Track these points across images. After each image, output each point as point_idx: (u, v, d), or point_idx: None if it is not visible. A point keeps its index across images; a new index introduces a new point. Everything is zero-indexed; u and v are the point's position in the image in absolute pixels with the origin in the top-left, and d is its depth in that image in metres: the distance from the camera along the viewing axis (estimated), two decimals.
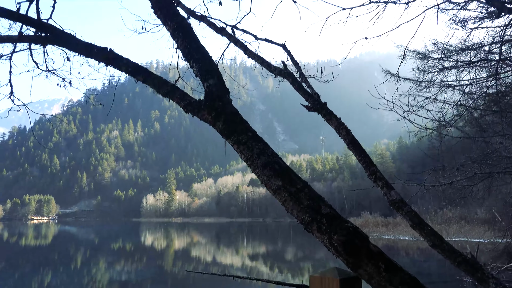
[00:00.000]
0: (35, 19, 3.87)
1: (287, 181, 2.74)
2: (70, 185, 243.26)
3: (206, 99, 3.17)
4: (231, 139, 3.07)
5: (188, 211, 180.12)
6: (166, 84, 3.32)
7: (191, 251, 39.57)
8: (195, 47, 3.38)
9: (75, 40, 3.61)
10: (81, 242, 57.56)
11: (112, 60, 3.46)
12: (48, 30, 3.68)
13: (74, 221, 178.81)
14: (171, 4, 3.51)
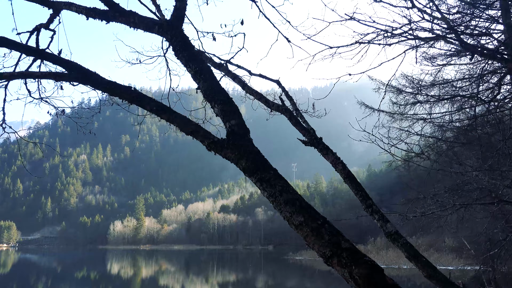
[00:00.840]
0: (55, 55, 3.99)
1: (308, 217, 2.91)
2: (33, 210, 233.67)
3: (228, 138, 3.36)
4: (254, 177, 3.20)
5: (157, 238, 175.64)
6: (190, 123, 3.51)
7: (159, 280, 38.53)
8: (217, 89, 3.60)
9: (98, 78, 3.73)
10: (43, 270, 55.00)
11: (136, 99, 3.61)
12: (70, 67, 3.80)
13: (36, 249, 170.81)
14: (192, 49, 3.72)
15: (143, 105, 3.65)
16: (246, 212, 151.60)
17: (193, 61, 3.68)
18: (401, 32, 6.69)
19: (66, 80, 4.05)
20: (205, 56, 5.15)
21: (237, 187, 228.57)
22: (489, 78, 9.30)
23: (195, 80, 3.74)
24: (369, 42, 6.58)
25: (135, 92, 3.64)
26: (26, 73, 4.22)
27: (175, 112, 3.61)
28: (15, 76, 4.26)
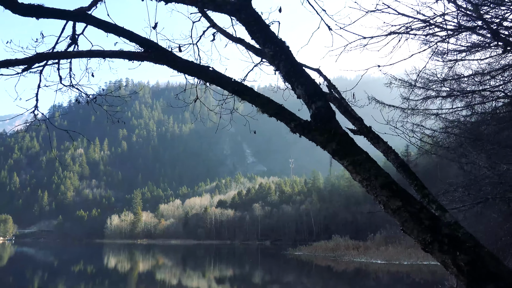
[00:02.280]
0: (130, 31, 3.89)
1: (406, 202, 2.80)
2: (30, 204, 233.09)
3: (316, 121, 3.22)
4: (346, 160, 3.08)
5: (154, 232, 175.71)
6: (274, 104, 3.39)
7: (156, 274, 38.44)
8: (298, 70, 3.44)
9: (175, 58, 3.62)
10: (39, 264, 54.85)
11: (215, 80, 3.48)
12: (148, 45, 3.76)
13: (32, 242, 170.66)
14: (269, 29, 3.55)
15: (223, 86, 3.52)
16: (243, 207, 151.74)
17: (271, 41, 3.51)
18: (428, 24, 6.60)
19: (140, 59, 3.95)
20: (246, 44, 5.05)
21: (234, 183, 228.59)
22: None
23: (273, 61, 3.56)
24: (405, 32, 6.47)
25: (214, 73, 3.50)
26: (96, 52, 4.13)
27: (259, 93, 3.47)
28: (84, 54, 4.22)
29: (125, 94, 7.34)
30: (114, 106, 7.04)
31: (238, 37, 5.27)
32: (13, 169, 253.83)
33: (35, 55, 4.48)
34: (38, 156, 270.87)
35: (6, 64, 4.36)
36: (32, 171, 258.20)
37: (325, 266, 45.15)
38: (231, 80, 3.54)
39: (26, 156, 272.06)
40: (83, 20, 4.06)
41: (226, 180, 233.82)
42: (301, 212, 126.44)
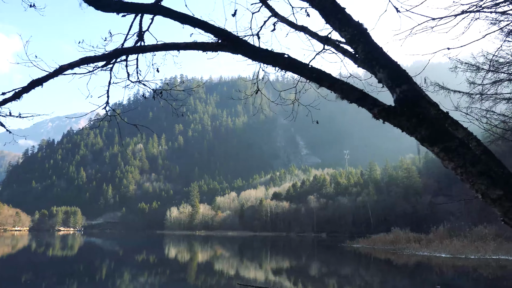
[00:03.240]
0: (206, 22, 3.98)
1: (508, 191, 2.61)
2: (96, 197, 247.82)
3: (401, 105, 3.08)
4: (437, 147, 2.92)
5: (212, 224, 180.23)
6: (355, 90, 3.31)
7: (215, 264, 39.29)
8: (380, 52, 3.35)
9: (253, 47, 3.69)
10: (106, 253, 58.10)
11: (292, 66, 3.49)
12: (227, 37, 3.82)
13: (99, 233, 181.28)
14: (345, 12, 3.48)
15: (300, 72, 3.47)
16: (298, 199, 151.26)
17: (348, 24, 3.39)
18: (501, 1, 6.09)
19: (215, 50, 4.03)
20: (309, 31, 4.96)
21: (289, 175, 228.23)
22: None
23: (352, 44, 3.45)
24: (477, 11, 6.02)
25: (290, 59, 3.46)
26: (171, 44, 4.29)
27: (338, 79, 3.36)
28: (159, 47, 4.39)
29: (180, 90, 7.55)
30: (176, 100, 7.28)
31: (301, 25, 5.16)
32: (80, 164, 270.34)
33: (115, 50, 4.63)
34: (102, 151, 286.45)
35: (87, 61, 4.53)
36: (97, 166, 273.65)
37: (385, 259, 43.90)
38: (308, 66, 3.42)
39: (91, 152, 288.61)
40: (161, 13, 4.14)
41: (281, 172, 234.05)
42: (357, 204, 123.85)
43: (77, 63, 4.48)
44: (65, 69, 4.50)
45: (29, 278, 28.75)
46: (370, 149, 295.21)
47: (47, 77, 4.55)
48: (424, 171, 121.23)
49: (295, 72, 3.55)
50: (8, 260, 45.17)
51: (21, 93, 4.68)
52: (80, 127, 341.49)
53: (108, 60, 4.92)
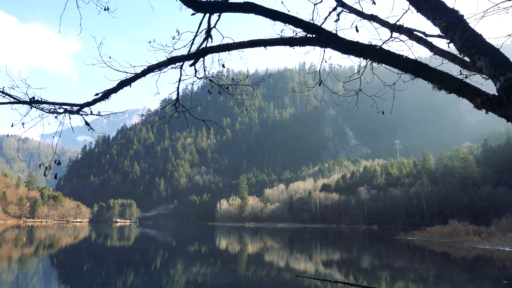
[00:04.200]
0: (305, 21, 4.05)
1: None
2: (149, 190, 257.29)
3: (506, 94, 2.94)
4: None
5: (261, 216, 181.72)
6: (455, 80, 3.22)
7: (265, 256, 39.56)
8: (479, 39, 3.21)
9: (344, 40, 3.73)
10: (160, 244, 60.21)
11: (387, 58, 3.46)
12: (317, 31, 3.89)
13: (153, 224, 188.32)
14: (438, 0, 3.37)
15: (394, 64, 3.40)
16: (348, 191, 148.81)
17: (443, 12, 3.26)
18: None
19: (303, 44, 4.14)
20: (379, 20, 4.81)
21: (338, 166, 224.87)
22: None
23: (447, 32, 3.29)
24: None
25: (384, 51, 3.40)
26: (258, 41, 4.43)
27: (436, 69, 3.25)
28: (246, 44, 4.54)
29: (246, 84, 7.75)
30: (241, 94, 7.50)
31: (370, 14, 4.98)
32: (134, 159, 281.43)
33: (203, 49, 4.79)
34: (153, 146, 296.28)
35: (174, 61, 4.71)
36: (149, 160, 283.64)
37: (441, 252, 42.18)
38: (402, 57, 3.26)
39: (144, 147, 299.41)
40: (253, 11, 4.21)
41: (329, 164, 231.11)
42: (410, 196, 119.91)
43: (164, 63, 4.64)
44: (152, 69, 4.68)
45: (91, 267, 30.38)
46: (423, 138, 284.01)
47: (135, 77, 4.76)
48: (482, 161, 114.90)
49: (388, 64, 3.40)
50: (72, 250, 48.04)
51: (109, 93, 4.95)
52: (132, 123, 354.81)
53: (196, 59, 5.04)
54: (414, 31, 4.55)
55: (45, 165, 5.31)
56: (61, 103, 5.00)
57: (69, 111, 5.01)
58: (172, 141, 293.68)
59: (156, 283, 22.24)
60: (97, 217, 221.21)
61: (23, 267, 29.89)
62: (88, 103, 5.08)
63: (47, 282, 23.59)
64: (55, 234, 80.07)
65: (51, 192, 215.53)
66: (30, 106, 4.84)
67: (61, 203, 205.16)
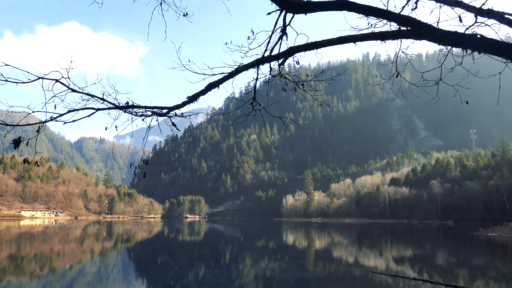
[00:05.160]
0: (400, 14, 4.14)
1: None
2: (216, 186, 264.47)
3: None
4: None
5: (327, 211, 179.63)
6: None
7: (333, 251, 39.03)
8: None
9: (443, 32, 3.75)
10: (228, 239, 61.67)
11: (490, 47, 3.48)
12: (413, 24, 3.88)
13: (221, 220, 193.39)
14: None
15: (500, 53, 3.30)
16: (419, 184, 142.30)
17: None
18: None
19: (396, 38, 4.18)
20: (464, 5, 4.61)
21: (407, 159, 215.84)
22: None
23: None
24: None
25: (484, 40, 3.32)
26: (347, 37, 4.60)
27: None
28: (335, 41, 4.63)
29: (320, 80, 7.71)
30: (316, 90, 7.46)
31: None
32: (201, 156, 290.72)
33: (291, 48, 4.87)
34: (219, 143, 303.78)
35: (260, 62, 4.86)
36: (215, 157, 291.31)
37: None
38: (510, 45, 3.06)
39: (210, 145, 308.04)
40: (346, 8, 4.23)
41: (398, 157, 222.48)
42: (489, 189, 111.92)
43: (253, 64, 4.81)
44: (241, 70, 4.86)
45: (164, 260, 31.88)
46: (502, 127, 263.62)
47: (224, 79, 4.99)
48: None
49: (494, 53, 3.19)
50: (147, 244, 50.76)
51: (198, 96, 5.27)
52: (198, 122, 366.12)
53: (285, 58, 5.15)
54: (506, 15, 4.19)
55: (135, 165, 5.85)
56: (153, 106, 5.41)
57: (158, 113, 5.38)
58: (236, 138, 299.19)
59: (226, 277, 22.81)
60: (169, 212, 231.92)
61: (104, 260, 32.07)
62: (178, 106, 5.42)
63: (126, 274, 25.12)
64: (131, 229, 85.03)
65: (126, 189, 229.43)
66: (124, 110, 5.28)
67: (136, 200, 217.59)
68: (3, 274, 23.13)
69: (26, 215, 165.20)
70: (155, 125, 6.38)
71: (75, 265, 28.35)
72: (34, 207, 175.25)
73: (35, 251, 36.83)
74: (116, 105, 5.25)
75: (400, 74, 6.36)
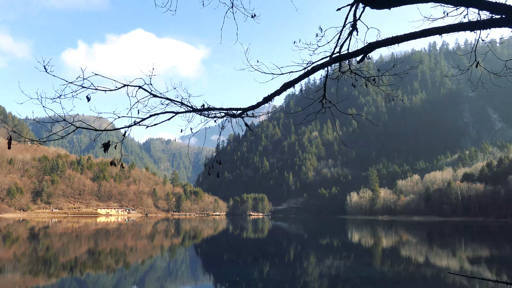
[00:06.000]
0: (494, 3, 3.99)
1: None
2: (279, 184, 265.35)
3: None
4: None
5: (394, 208, 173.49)
6: None
7: (401, 250, 37.58)
8: None
9: None
10: (292, 236, 61.60)
11: None
12: (507, 12, 3.76)
13: (284, 217, 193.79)
14: None
15: None
16: (495, 180, 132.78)
17: None
18: None
19: (486, 27, 4.09)
20: None
21: (481, 153, 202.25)
22: None
23: None
24: None
25: None
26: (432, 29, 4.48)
27: None
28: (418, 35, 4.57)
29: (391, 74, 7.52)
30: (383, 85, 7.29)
31: None
32: (263, 155, 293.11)
33: (369, 45, 4.92)
34: (280, 141, 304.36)
35: (340, 59, 4.87)
36: (277, 155, 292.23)
37: None
38: None
39: (271, 143, 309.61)
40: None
41: (471, 151, 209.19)
42: None
43: (329, 62, 4.86)
44: (317, 69, 4.92)
45: (230, 256, 32.56)
46: None
47: (299, 78, 5.09)
48: None
49: None
50: (213, 240, 52.17)
51: (273, 96, 5.44)
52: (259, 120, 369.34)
53: (365, 54, 5.13)
54: None
55: (209, 165, 6.16)
56: (227, 108, 5.63)
57: (231, 115, 5.58)
58: (298, 135, 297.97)
59: (290, 275, 22.79)
60: (233, 210, 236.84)
61: (173, 255, 33.43)
62: (252, 107, 5.59)
63: (193, 269, 25.98)
64: (198, 226, 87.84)
65: (192, 188, 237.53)
66: (200, 113, 5.56)
67: (201, 198, 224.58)
68: (83, 268, 24.92)
69: (102, 212, 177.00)
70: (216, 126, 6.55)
71: (146, 260, 29.84)
72: (109, 205, 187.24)
73: (110, 247, 39.26)
74: (194, 108, 5.51)
75: (479, 63, 5.97)
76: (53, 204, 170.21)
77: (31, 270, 23.67)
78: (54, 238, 50.54)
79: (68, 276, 21.88)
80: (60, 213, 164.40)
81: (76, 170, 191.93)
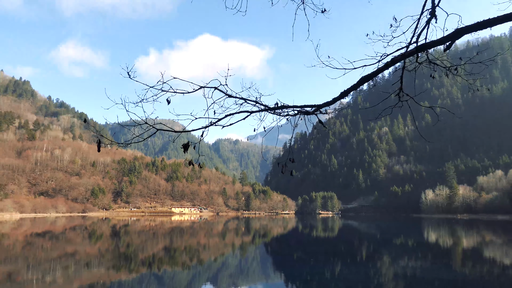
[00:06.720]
0: None
1: None
2: (348, 182, 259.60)
3: None
4: None
5: (475, 207, 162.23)
6: None
7: (484, 252, 35.05)
8: None
9: None
10: (364, 235, 59.96)
11: None
12: None
13: (355, 216, 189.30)
14: None
15: None
16: None
17: None
18: None
19: None
20: None
21: None
22: None
23: None
24: None
25: None
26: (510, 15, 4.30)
27: None
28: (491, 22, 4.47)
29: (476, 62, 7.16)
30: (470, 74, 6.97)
31: None
32: (331, 152, 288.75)
33: (455, 31, 4.71)
34: (348, 138, 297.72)
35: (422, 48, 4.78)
36: (345, 152, 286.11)
37: None
38: None
39: (339, 140, 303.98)
40: None
41: None
42: None
43: (411, 52, 4.80)
44: (397, 61, 4.87)
45: (300, 255, 32.45)
46: None
47: (378, 71, 5.06)
48: None
49: None
50: (282, 239, 52.39)
51: (349, 91, 5.48)
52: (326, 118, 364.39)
53: (452, 42, 4.98)
54: None
55: (282, 163, 6.30)
56: (301, 106, 5.70)
57: (304, 112, 5.63)
58: (366, 132, 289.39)
59: (363, 275, 22.22)
60: (302, 209, 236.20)
61: (244, 253, 34.05)
62: (328, 103, 5.61)
63: (264, 268, 26.26)
64: (267, 225, 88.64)
65: (260, 187, 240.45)
66: (273, 111, 5.67)
67: (270, 197, 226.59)
68: (160, 264, 26.24)
69: (176, 211, 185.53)
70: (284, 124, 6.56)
71: (219, 258, 30.71)
72: (182, 204, 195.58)
73: (185, 244, 40.93)
74: (268, 106, 5.59)
75: None
76: (131, 203, 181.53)
77: (114, 265, 25.39)
78: (134, 235, 53.82)
79: (147, 271, 23.16)
80: (138, 212, 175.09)
81: (151, 171, 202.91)
